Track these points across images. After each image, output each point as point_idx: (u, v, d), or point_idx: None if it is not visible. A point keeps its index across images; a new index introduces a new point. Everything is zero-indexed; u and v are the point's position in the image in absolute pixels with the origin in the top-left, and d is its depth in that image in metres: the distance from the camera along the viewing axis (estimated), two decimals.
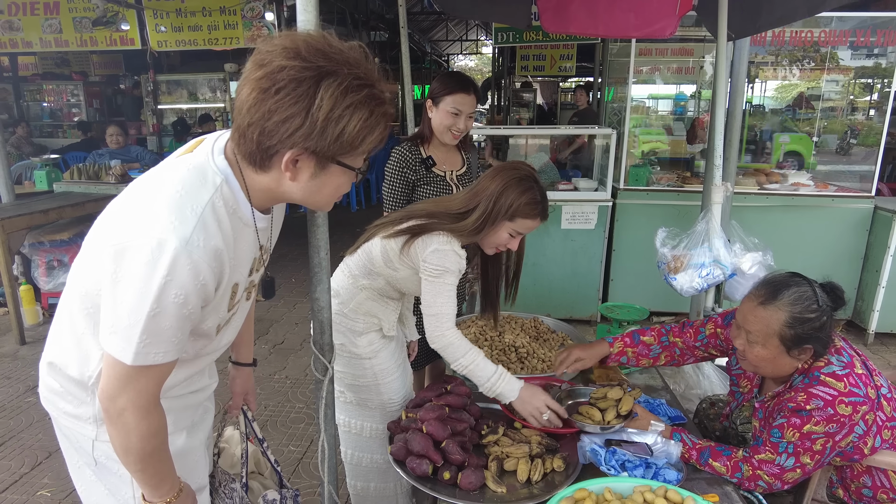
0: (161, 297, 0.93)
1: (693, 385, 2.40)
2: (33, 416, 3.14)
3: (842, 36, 4.19)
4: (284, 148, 0.96)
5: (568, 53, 9.82)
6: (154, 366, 0.99)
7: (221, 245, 1.00)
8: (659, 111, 6.66)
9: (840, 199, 4.07)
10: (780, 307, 1.49)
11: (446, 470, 1.49)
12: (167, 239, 0.92)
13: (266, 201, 1.10)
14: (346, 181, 1.08)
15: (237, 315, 1.23)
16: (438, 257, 1.64)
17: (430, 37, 19.55)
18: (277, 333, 4.28)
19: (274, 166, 1.01)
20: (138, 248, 0.93)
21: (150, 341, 0.96)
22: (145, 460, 1.07)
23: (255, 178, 1.04)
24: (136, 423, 1.02)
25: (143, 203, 0.99)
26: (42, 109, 10.18)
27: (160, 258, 0.92)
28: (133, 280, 0.93)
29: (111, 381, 0.99)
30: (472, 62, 29.84)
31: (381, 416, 1.87)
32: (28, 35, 7.64)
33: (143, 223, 0.95)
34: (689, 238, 2.35)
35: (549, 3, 2.95)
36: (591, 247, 4.10)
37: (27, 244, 4.32)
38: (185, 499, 1.16)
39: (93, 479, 1.22)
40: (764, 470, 1.50)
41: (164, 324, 0.96)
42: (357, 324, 1.82)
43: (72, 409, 1.17)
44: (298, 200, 1.08)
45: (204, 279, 0.97)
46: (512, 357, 2.07)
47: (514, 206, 1.64)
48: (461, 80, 2.18)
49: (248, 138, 0.98)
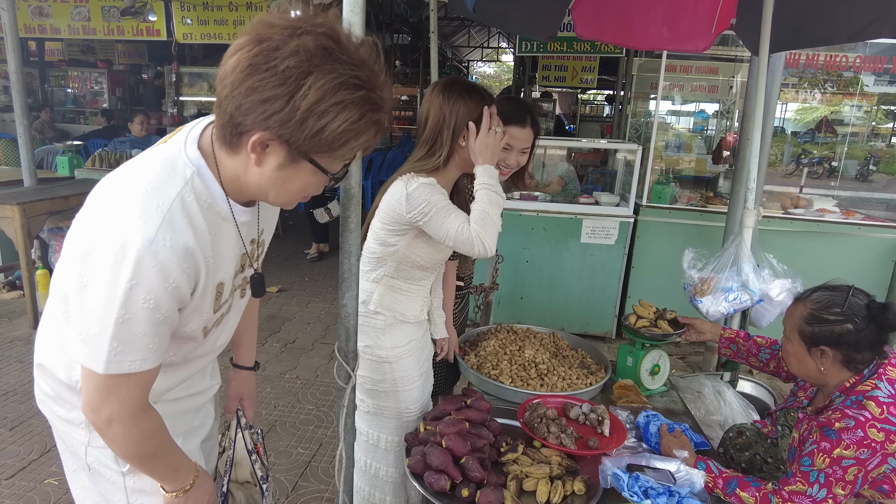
0: (128, 302, 0.87)
1: (713, 411, 2.33)
2: None
3: (877, 62, 4.13)
4: (257, 129, 0.88)
5: (590, 66, 9.78)
6: (132, 374, 0.93)
7: (193, 244, 0.93)
8: (680, 129, 6.63)
9: (866, 227, 3.99)
10: (804, 303, 1.55)
11: (465, 487, 1.45)
12: (130, 240, 0.86)
13: (238, 192, 1.01)
14: (317, 183, 0.98)
15: (230, 315, 1.16)
16: (415, 197, 1.56)
17: (452, 42, 19.59)
18: (289, 332, 4.26)
19: (243, 148, 0.92)
20: (102, 250, 0.87)
21: (122, 349, 0.90)
22: (151, 461, 1.05)
23: (227, 162, 0.96)
24: (126, 433, 0.97)
25: (111, 201, 0.92)
26: (66, 95, 10.30)
27: (123, 261, 0.86)
28: (98, 284, 0.87)
29: (90, 393, 0.94)
30: (490, 69, 29.88)
31: (398, 425, 1.83)
32: (57, 21, 7.74)
33: (108, 223, 0.88)
34: (718, 261, 2.31)
35: (584, 11, 2.93)
36: (610, 262, 4.06)
37: (46, 229, 4.34)
38: (202, 481, 1.15)
39: (87, 483, 1.19)
40: (795, 502, 1.45)
41: (136, 330, 0.90)
42: (378, 320, 1.77)
43: (64, 413, 1.12)
44: (262, 194, 0.98)
45: (175, 281, 0.90)
46: (532, 373, 2.03)
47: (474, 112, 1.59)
48: (518, 110, 1.88)
49: (224, 110, 0.90)
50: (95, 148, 7.23)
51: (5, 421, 2.95)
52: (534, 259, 4.11)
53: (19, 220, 3.84)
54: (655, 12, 2.86)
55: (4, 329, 4.04)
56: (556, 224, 4.04)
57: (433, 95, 1.65)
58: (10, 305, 4.47)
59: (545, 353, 2.14)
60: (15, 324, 4.14)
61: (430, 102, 1.66)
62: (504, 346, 2.18)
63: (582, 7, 2.94)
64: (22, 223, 3.86)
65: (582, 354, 2.23)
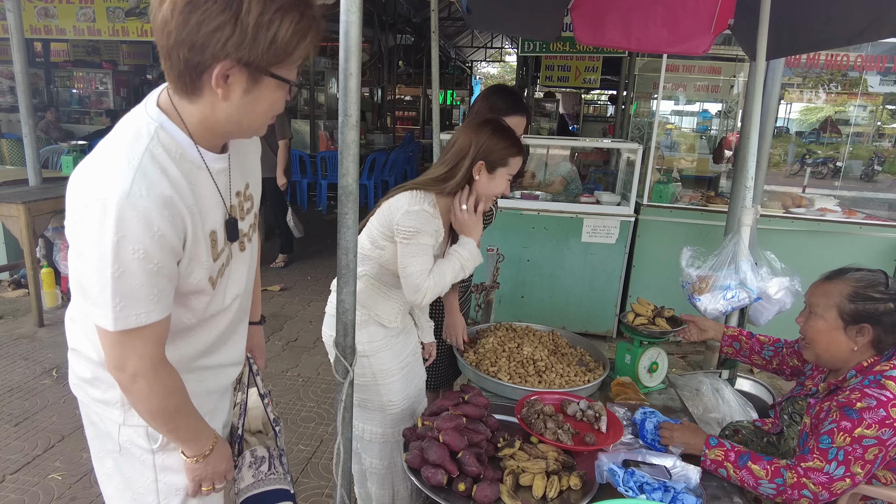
0: (119, 255, 0.91)
1: (711, 409, 2.35)
2: (48, 398, 3.17)
3: (878, 61, 4.13)
4: (216, 61, 0.92)
5: (593, 66, 9.79)
6: (142, 328, 0.97)
7: (170, 192, 0.96)
8: (683, 128, 6.62)
9: (868, 227, 3.99)
10: (844, 281, 1.55)
11: (462, 481, 1.47)
12: (109, 197, 0.91)
13: (210, 136, 1.05)
14: (280, 97, 1.04)
15: (234, 267, 1.18)
16: (410, 219, 1.66)
17: (456, 42, 19.61)
18: (291, 330, 4.29)
19: (205, 88, 0.96)
20: (86, 215, 0.92)
21: (124, 304, 0.94)
22: (174, 418, 1.09)
23: (190, 109, 1.00)
24: (150, 387, 1.02)
25: (89, 174, 0.97)
26: (71, 96, 10.36)
27: (106, 218, 0.90)
28: (89, 246, 0.92)
29: (110, 352, 1.00)
30: (494, 69, 29.88)
31: (381, 419, 1.86)
32: (62, 22, 7.78)
33: (88, 192, 0.93)
34: (716, 259, 2.32)
35: (583, 15, 2.94)
36: (611, 261, 4.07)
37: (51, 228, 4.38)
38: (221, 448, 1.21)
39: (111, 469, 1.23)
40: (811, 478, 1.43)
41: (133, 282, 0.93)
42: (357, 316, 1.79)
43: (100, 394, 1.17)
44: (234, 125, 1.03)
45: (159, 229, 0.94)
46: (530, 370, 2.04)
47: (502, 152, 1.72)
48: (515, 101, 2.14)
49: (175, 58, 0.93)
50: None
51: (10, 417, 2.98)
52: (535, 258, 4.12)
53: (24, 219, 3.88)
54: (655, 14, 2.86)
55: (9, 327, 4.08)
56: (557, 223, 4.05)
57: (469, 125, 1.77)
58: (15, 303, 4.51)
59: (543, 351, 2.16)
60: (20, 321, 4.17)
61: (462, 130, 1.77)
62: (503, 344, 2.19)
63: (581, 9, 2.95)
64: (27, 222, 3.89)
65: (580, 352, 2.24)
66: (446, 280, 1.71)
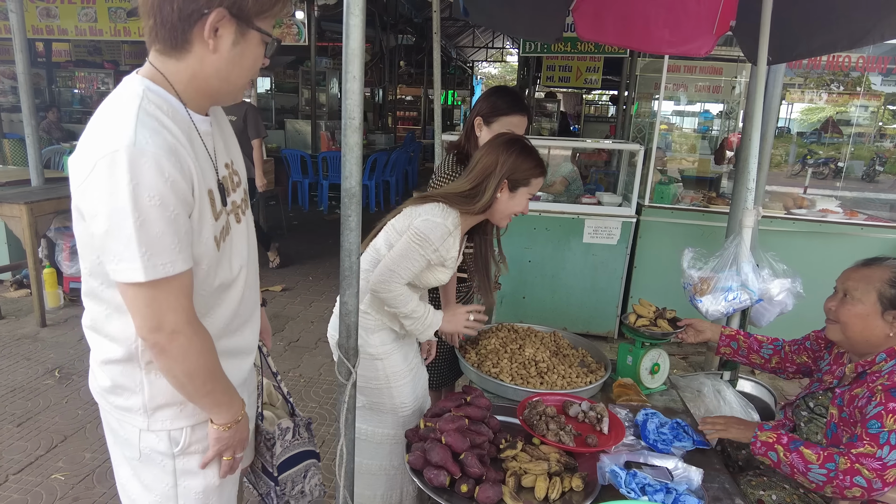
0: (137, 203, 0.93)
1: (713, 410, 2.35)
2: (51, 398, 3.18)
3: (880, 62, 4.13)
4: (211, 6, 0.98)
5: (595, 66, 9.80)
6: (169, 278, 0.99)
7: (172, 140, 0.99)
8: (684, 129, 6.62)
9: (869, 228, 3.99)
10: (884, 267, 1.58)
11: (464, 483, 1.47)
12: (116, 149, 0.93)
13: (198, 97, 1.09)
14: (261, 55, 1.11)
15: (234, 236, 1.19)
16: (426, 226, 1.67)
17: (457, 42, 19.61)
18: (293, 331, 4.29)
19: (195, 41, 1.01)
20: (95, 174, 0.93)
21: (151, 252, 0.96)
22: (212, 378, 1.11)
23: (178, 67, 1.04)
24: (189, 342, 1.04)
25: (83, 146, 0.99)
26: (73, 96, 10.39)
27: (116, 168, 0.92)
28: (104, 203, 0.93)
29: (145, 313, 1.00)
30: (495, 69, 29.87)
31: (393, 421, 1.86)
32: (64, 22, 7.81)
33: (90, 154, 0.95)
34: (717, 261, 2.32)
35: (585, 12, 2.94)
36: (613, 262, 4.07)
37: (53, 228, 4.39)
38: (246, 421, 1.23)
39: (129, 475, 1.23)
40: (864, 464, 1.41)
41: (155, 230, 0.95)
42: (369, 320, 1.81)
43: (122, 401, 1.17)
44: (223, 81, 1.08)
45: (170, 175, 0.96)
46: (532, 371, 2.05)
47: (526, 172, 1.75)
48: (516, 102, 2.15)
49: (168, 10, 0.98)
50: None
51: (13, 417, 2.99)
52: (536, 259, 4.12)
53: (27, 219, 3.89)
54: (657, 15, 2.86)
55: (12, 327, 4.09)
56: (558, 224, 4.05)
57: (495, 144, 1.78)
58: (17, 304, 4.52)
59: (545, 352, 2.16)
60: (22, 322, 4.18)
61: (489, 148, 1.78)
62: (505, 345, 2.20)
63: (583, 8, 2.95)
64: (29, 222, 3.90)
65: (582, 353, 2.24)
66: (405, 307, 1.73)
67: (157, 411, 1.16)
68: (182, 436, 1.18)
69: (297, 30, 7.39)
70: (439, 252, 1.70)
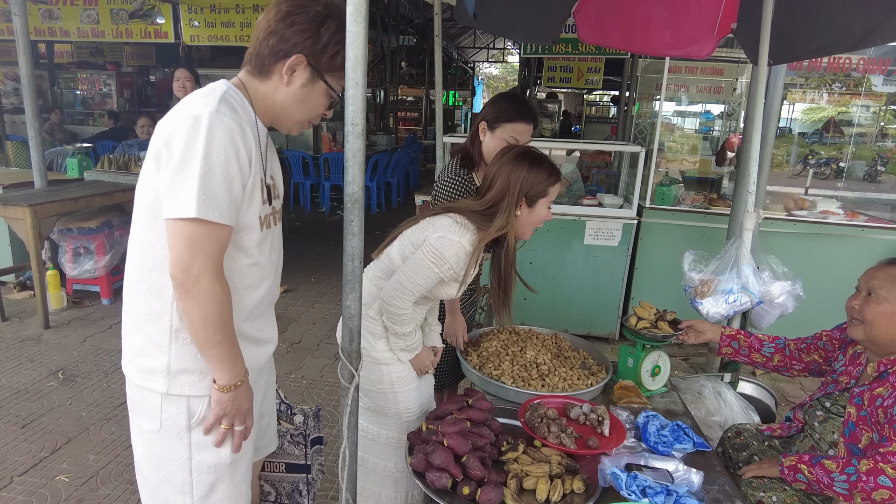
0: (207, 156, 1.13)
1: (713, 412, 2.36)
2: (55, 400, 3.19)
3: (881, 64, 4.13)
4: (295, 51, 1.23)
5: (596, 66, 9.82)
6: (213, 224, 1.16)
7: (242, 124, 1.21)
8: (685, 129, 6.62)
9: (870, 229, 3.99)
10: None
11: (466, 485, 1.48)
12: (201, 113, 1.15)
13: (262, 113, 1.31)
14: (323, 104, 1.34)
15: (274, 233, 1.40)
16: (442, 244, 1.66)
17: (458, 43, 19.61)
18: (295, 332, 4.31)
19: (275, 73, 1.27)
20: (180, 129, 1.14)
21: (206, 197, 1.13)
22: (223, 328, 1.22)
23: (258, 86, 1.29)
24: (210, 288, 1.18)
25: (171, 113, 1.21)
26: (75, 97, 10.40)
27: (199, 127, 1.14)
28: (183, 150, 1.13)
29: (182, 251, 1.15)
30: (496, 70, 29.87)
31: (398, 424, 1.87)
32: (66, 24, 7.83)
33: (179, 116, 1.17)
34: (718, 263, 2.33)
35: (587, 15, 2.96)
36: (614, 264, 4.08)
37: (56, 230, 4.41)
38: (248, 387, 1.33)
39: (145, 452, 1.35)
40: (890, 461, 1.41)
41: (214, 182, 1.14)
42: (377, 326, 1.82)
43: (148, 363, 1.29)
44: (284, 111, 1.31)
45: (236, 145, 1.17)
46: (533, 374, 2.06)
47: (542, 185, 1.74)
48: (523, 108, 2.12)
49: (265, 45, 1.25)
50: (104, 149, 7.30)
51: (17, 419, 3.00)
52: (537, 260, 4.13)
53: (30, 222, 3.91)
54: (658, 17, 2.87)
55: (15, 329, 4.11)
56: (559, 226, 4.06)
57: (505, 161, 1.77)
58: (21, 305, 4.54)
59: (547, 354, 2.17)
60: (26, 323, 4.20)
61: (500, 166, 1.77)
62: (506, 347, 2.21)
63: (585, 11, 2.96)
64: (33, 224, 3.92)
65: (583, 355, 2.25)
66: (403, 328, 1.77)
67: (179, 375, 1.28)
68: (199, 406, 1.30)
69: None
70: (454, 270, 1.69)
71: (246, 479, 1.45)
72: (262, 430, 1.61)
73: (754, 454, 1.88)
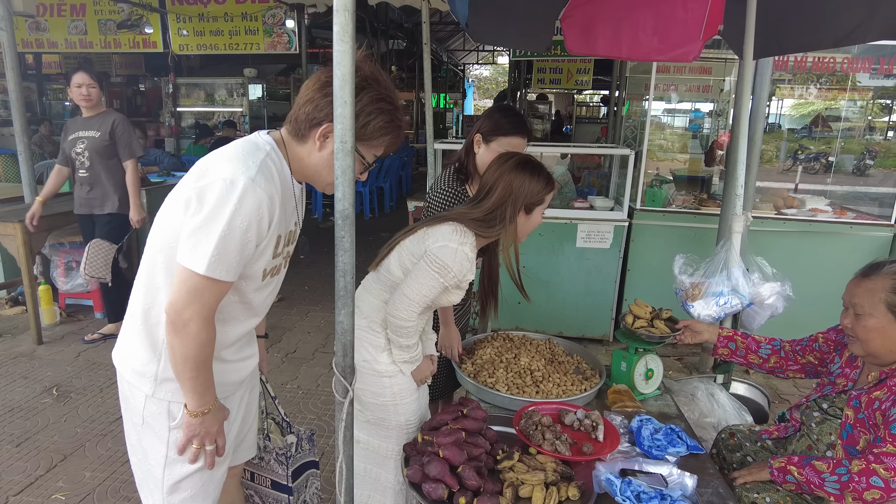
0: (232, 221, 1.21)
1: (707, 413, 2.38)
2: (49, 417, 3.18)
3: (864, 62, 4.18)
4: (328, 120, 1.29)
5: (585, 67, 9.87)
6: (218, 281, 1.24)
7: (274, 193, 1.29)
8: (675, 128, 6.65)
9: (859, 226, 4.04)
10: (883, 276, 1.57)
11: (462, 495, 1.49)
12: (238, 178, 1.22)
13: (297, 172, 1.40)
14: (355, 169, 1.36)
15: (278, 278, 1.49)
16: (444, 253, 1.67)
17: (448, 46, 19.66)
18: (290, 342, 4.30)
19: (310, 138, 1.34)
20: (215, 186, 1.22)
21: (218, 258, 1.21)
22: (200, 366, 1.30)
23: (295, 148, 1.38)
24: (197, 332, 1.25)
25: (213, 163, 1.28)
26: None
27: (233, 192, 1.21)
28: (212, 209, 1.20)
29: (182, 295, 1.23)
30: (486, 71, 29.94)
31: (398, 436, 1.87)
32: (54, 35, 7.82)
33: (216, 172, 1.24)
34: (708, 266, 2.35)
35: (574, 26, 2.97)
36: (606, 266, 4.10)
37: (48, 245, 4.39)
38: (218, 412, 1.41)
39: (136, 442, 1.47)
40: (883, 462, 1.41)
41: (230, 245, 1.22)
42: (380, 339, 1.82)
43: (140, 367, 1.39)
44: (315, 173, 1.39)
45: (262, 214, 1.25)
46: (527, 380, 2.07)
47: (539, 194, 1.77)
48: (518, 122, 2.14)
49: (303, 112, 1.33)
50: None
51: (11, 437, 2.99)
52: (531, 264, 4.15)
53: (21, 237, 3.89)
54: (646, 23, 2.89)
55: (8, 345, 4.08)
56: (551, 229, 4.08)
57: (506, 169, 1.79)
58: (13, 321, 4.51)
59: (540, 360, 2.18)
60: (18, 340, 4.18)
61: (500, 173, 1.79)
62: (500, 354, 2.22)
63: (572, 19, 2.98)
64: (24, 240, 3.90)
65: (577, 360, 2.27)
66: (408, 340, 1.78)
67: (165, 383, 1.38)
68: (179, 412, 1.39)
69: (287, 38, 7.41)
70: (458, 278, 1.71)
71: (219, 482, 1.55)
72: (242, 435, 1.69)
73: (748, 455, 1.90)
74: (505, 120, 2.13)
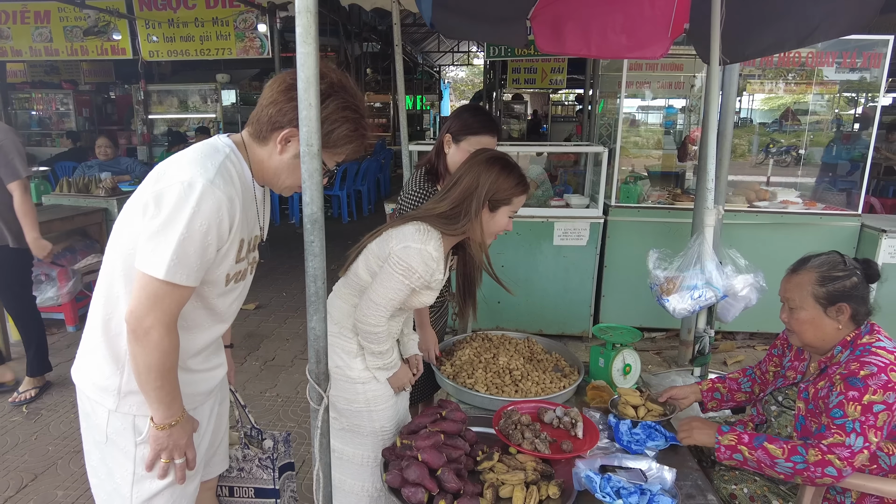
0: (190, 224, 1.18)
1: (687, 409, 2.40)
2: (19, 436, 3.09)
3: (828, 57, 4.28)
4: (289, 126, 1.28)
5: (559, 66, 9.96)
6: (178, 286, 1.21)
7: (234, 195, 1.26)
8: (649, 124, 6.73)
9: (828, 217, 4.12)
10: (809, 270, 1.65)
11: (442, 498, 1.48)
12: (196, 180, 1.20)
13: (258, 175, 1.38)
14: None
15: (243, 284, 1.47)
16: (408, 254, 1.64)
17: (422, 48, 19.65)
18: (268, 349, 4.25)
19: (272, 140, 1.32)
20: (173, 189, 1.19)
21: (178, 262, 1.19)
22: (164, 375, 1.27)
23: (256, 150, 1.35)
24: (160, 340, 1.22)
25: (171, 166, 1.25)
26: (31, 118, 10.11)
27: (191, 194, 1.19)
28: (170, 212, 1.18)
29: (141, 302, 1.21)
30: (462, 73, 30.01)
31: (373, 443, 1.84)
32: (18, 43, 7.62)
33: (174, 175, 1.22)
34: (682, 260, 2.38)
35: (543, 24, 2.99)
36: (583, 263, 4.13)
37: None
38: (185, 424, 1.37)
39: (98, 461, 1.41)
40: (835, 453, 1.47)
41: (190, 249, 1.19)
42: (352, 345, 1.80)
43: (102, 381, 1.34)
44: (274, 177, 1.37)
45: (221, 216, 1.23)
46: (507, 380, 2.07)
47: (507, 192, 1.72)
48: (487, 121, 2.13)
49: (265, 114, 1.30)
50: (63, 171, 7.12)
51: None
52: (509, 263, 4.16)
53: None
54: (614, 21, 2.92)
55: None
56: (529, 228, 4.10)
57: (476, 163, 1.74)
58: None
59: (519, 359, 2.18)
60: None
61: (470, 165, 1.75)
62: (479, 354, 2.22)
63: (542, 17, 2.99)
64: None
65: (556, 357, 2.27)
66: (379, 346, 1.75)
67: (128, 396, 1.34)
68: (145, 426, 1.35)
69: (259, 42, 7.33)
70: (424, 279, 1.68)
71: (192, 497, 1.50)
72: (214, 447, 1.65)
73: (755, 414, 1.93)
74: (473, 119, 2.13)
